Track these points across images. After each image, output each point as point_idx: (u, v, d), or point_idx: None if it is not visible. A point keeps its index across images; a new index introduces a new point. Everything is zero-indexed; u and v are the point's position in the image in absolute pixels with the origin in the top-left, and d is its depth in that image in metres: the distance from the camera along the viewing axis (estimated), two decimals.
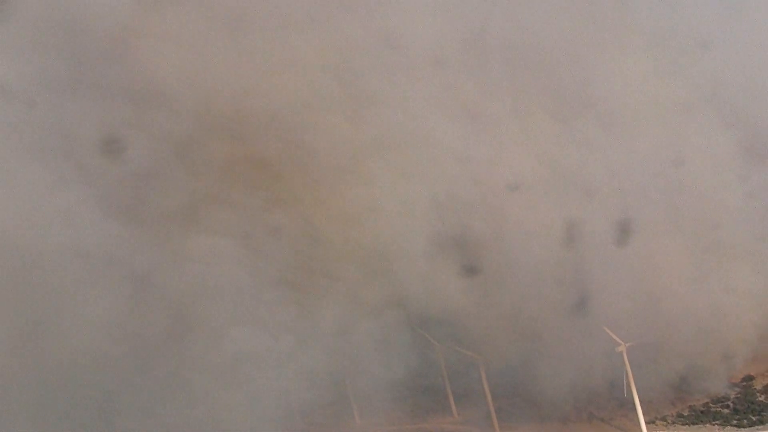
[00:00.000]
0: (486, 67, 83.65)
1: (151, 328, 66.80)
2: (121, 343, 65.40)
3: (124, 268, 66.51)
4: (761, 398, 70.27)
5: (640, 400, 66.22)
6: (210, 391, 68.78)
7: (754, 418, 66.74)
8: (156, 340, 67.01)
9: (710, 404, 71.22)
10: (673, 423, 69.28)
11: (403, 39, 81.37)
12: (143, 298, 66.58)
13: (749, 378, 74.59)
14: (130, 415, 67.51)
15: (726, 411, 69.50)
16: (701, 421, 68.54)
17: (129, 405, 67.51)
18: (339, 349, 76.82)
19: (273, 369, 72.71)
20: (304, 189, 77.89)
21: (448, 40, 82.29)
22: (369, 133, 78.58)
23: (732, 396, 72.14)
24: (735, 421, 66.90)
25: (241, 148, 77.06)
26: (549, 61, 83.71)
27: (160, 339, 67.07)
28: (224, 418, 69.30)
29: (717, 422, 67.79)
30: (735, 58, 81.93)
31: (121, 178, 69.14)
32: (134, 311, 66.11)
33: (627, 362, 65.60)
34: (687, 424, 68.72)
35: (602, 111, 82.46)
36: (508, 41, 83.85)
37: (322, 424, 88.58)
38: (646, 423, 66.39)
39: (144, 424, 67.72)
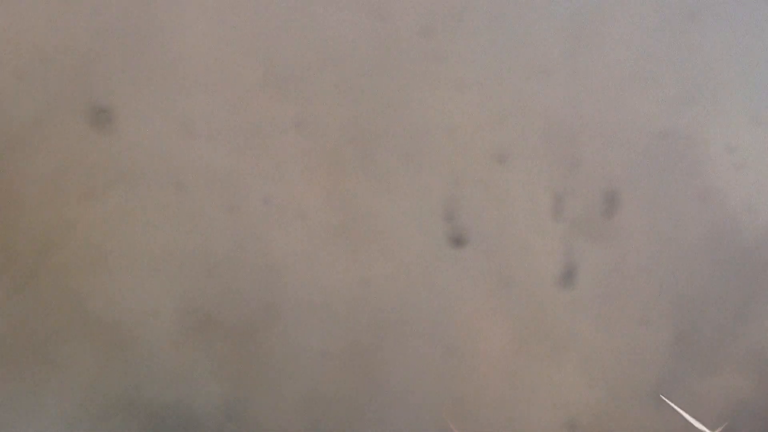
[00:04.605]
0: (272, 72, 66.94)
1: None
2: None
3: None
4: None
5: None
6: None
7: None
8: None
9: None
10: None
11: (169, 37, 63.37)
12: None
13: None
14: None
15: None
16: None
17: None
18: None
19: None
20: (14, 218, 57.58)
21: (224, 43, 64.72)
22: (115, 150, 59.36)
23: None
24: None
25: None
26: (348, 74, 68.41)
27: None
28: None
29: None
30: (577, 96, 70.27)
31: None
32: None
33: None
34: None
35: (402, 144, 68.00)
36: (302, 45, 67.74)
37: None
38: None
39: None
